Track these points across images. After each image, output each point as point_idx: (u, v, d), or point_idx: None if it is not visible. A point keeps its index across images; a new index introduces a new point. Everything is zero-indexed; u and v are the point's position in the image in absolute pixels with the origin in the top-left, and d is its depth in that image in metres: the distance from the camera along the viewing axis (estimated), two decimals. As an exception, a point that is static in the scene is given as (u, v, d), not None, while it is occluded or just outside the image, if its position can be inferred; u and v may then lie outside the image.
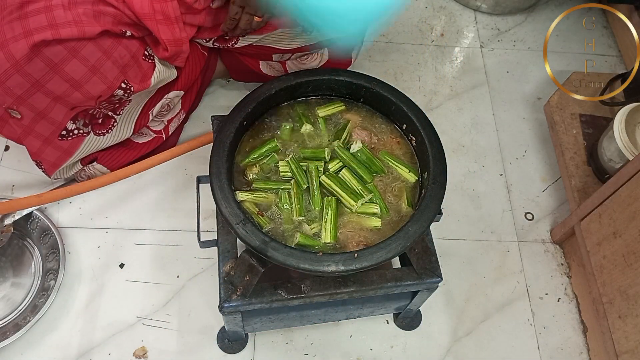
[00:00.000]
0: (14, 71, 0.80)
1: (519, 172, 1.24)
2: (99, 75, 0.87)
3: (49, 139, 0.93)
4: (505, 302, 1.08)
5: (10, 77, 0.80)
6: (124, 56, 0.89)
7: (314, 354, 0.99)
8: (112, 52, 0.87)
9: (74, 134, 0.95)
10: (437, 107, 1.33)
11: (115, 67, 0.88)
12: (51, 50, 0.80)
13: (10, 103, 0.84)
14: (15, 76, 0.80)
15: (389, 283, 0.81)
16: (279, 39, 1.02)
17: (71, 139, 0.95)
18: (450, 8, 1.52)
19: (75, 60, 0.83)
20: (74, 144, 0.96)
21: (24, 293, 1.00)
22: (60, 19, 0.80)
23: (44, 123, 0.89)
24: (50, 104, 0.87)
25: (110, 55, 0.87)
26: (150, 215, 1.10)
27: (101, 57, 0.86)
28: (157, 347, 0.97)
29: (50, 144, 0.94)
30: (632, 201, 0.88)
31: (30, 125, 0.89)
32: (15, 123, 0.89)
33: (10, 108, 0.86)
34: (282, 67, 1.12)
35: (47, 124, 0.90)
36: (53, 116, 0.89)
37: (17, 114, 0.87)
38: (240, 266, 0.77)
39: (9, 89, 0.81)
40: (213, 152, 0.80)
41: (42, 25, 0.79)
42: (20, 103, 0.84)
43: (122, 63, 0.89)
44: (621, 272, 0.90)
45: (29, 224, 1.04)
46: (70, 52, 0.82)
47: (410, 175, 0.85)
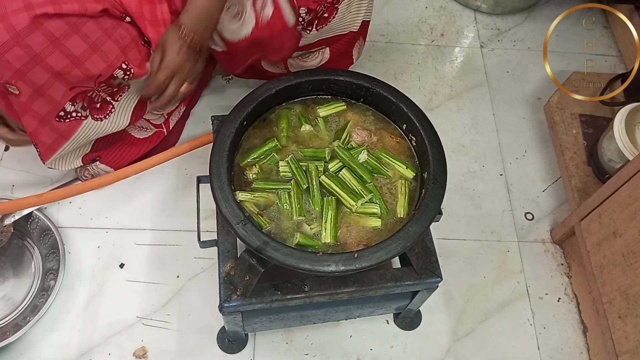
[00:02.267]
0: (14, 43, 0.80)
1: (519, 172, 1.24)
2: (100, 53, 0.87)
3: (46, 118, 0.92)
4: (505, 302, 1.08)
5: (9, 49, 0.80)
6: (124, 37, 0.89)
7: (314, 354, 0.99)
8: (112, 32, 0.87)
9: (71, 116, 0.94)
10: (437, 107, 1.33)
11: (117, 46, 0.89)
12: (52, 24, 0.81)
13: (8, 77, 0.84)
14: (15, 48, 0.80)
15: (389, 283, 0.81)
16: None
17: (69, 121, 0.94)
18: (450, 8, 1.52)
19: (76, 36, 0.84)
20: (71, 127, 0.95)
21: (24, 293, 1.00)
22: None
23: (42, 101, 0.89)
24: (49, 80, 0.86)
25: (111, 35, 0.87)
26: (150, 215, 1.10)
27: (102, 35, 0.86)
28: (157, 347, 0.98)
29: (47, 124, 0.93)
30: (632, 201, 0.88)
31: (28, 103, 0.89)
32: (13, 100, 0.89)
33: (8, 83, 0.85)
34: (284, 64, 1.12)
35: (45, 102, 0.89)
36: (51, 94, 0.89)
37: (15, 89, 0.86)
38: (240, 266, 0.77)
39: (7, 61, 0.81)
40: (213, 152, 0.80)
41: (43, 0, 0.80)
42: (18, 77, 0.84)
43: (123, 44, 0.89)
44: (621, 272, 0.90)
45: (29, 224, 1.04)
46: (72, 28, 0.83)
47: (408, 172, 0.85)
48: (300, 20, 0.95)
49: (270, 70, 1.13)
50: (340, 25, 1.03)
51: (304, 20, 0.95)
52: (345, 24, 1.04)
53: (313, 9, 0.94)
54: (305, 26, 0.98)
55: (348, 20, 1.04)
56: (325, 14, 0.97)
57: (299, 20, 0.95)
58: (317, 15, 0.96)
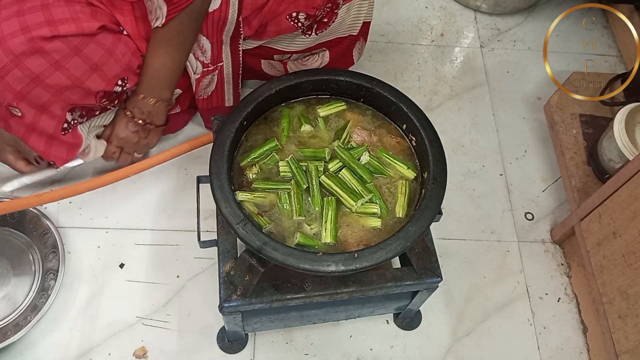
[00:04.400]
0: (13, 66, 0.80)
1: (519, 172, 1.24)
2: (100, 72, 0.87)
3: (54, 135, 0.93)
4: (505, 302, 1.08)
5: (9, 72, 0.80)
6: (125, 54, 0.89)
7: (314, 354, 0.99)
8: (114, 50, 0.88)
9: (73, 124, 0.95)
10: (437, 107, 1.33)
11: (117, 65, 0.89)
12: (51, 46, 0.81)
13: (10, 99, 0.84)
14: (15, 71, 0.80)
15: (389, 283, 0.81)
16: (279, 40, 1.03)
17: (72, 130, 0.95)
18: (450, 8, 1.52)
19: (78, 58, 0.84)
20: (76, 135, 0.96)
21: (24, 293, 1.00)
22: (57, 16, 0.80)
23: (45, 118, 0.89)
24: (50, 99, 0.87)
25: (113, 53, 0.88)
26: (150, 215, 1.10)
27: (104, 55, 0.87)
28: (157, 347, 0.98)
29: (55, 139, 0.93)
30: (632, 201, 0.88)
31: (33, 123, 0.89)
32: (18, 122, 0.89)
33: (10, 105, 0.86)
34: (283, 67, 1.12)
35: (49, 119, 0.90)
36: (53, 110, 0.89)
37: (18, 111, 0.87)
38: (240, 266, 0.78)
39: (8, 84, 0.82)
40: (213, 152, 0.80)
41: (39, 22, 0.79)
42: (20, 99, 0.85)
43: (124, 62, 0.90)
44: (621, 272, 0.90)
45: (29, 224, 1.04)
46: (73, 50, 0.83)
47: (409, 172, 0.85)
48: (299, 25, 0.96)
49: (270, 73, 1.13)
50: (341, 28, 1.04)
51: (303, 25, 0.96)
52: (346, 27, 1.04)
53: (312, 14, 0.94)
54: (305, 30, 0.98)
55: (348, 23, 1.04)
56: (325, 19, 0.98)
57: (298, 26, 0.96)
58: (316, 20, 0.97)
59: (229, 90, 1.05)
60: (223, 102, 1.07)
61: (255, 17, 0.94)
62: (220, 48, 0.96)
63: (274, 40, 1.02)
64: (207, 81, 1.01)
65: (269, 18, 0.95)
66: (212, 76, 1.01)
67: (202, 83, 1.01)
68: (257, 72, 1.14)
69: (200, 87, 1.02)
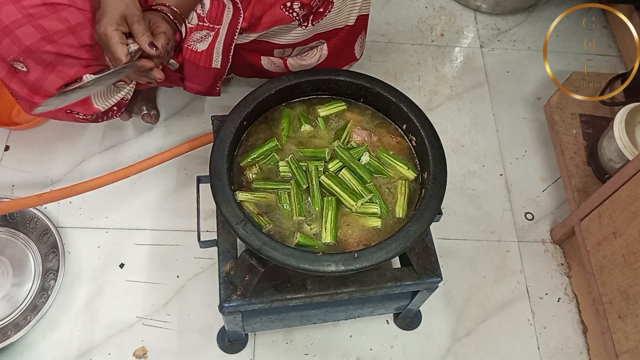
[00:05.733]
0: (26, 21, 0.80)
1: (519, 172, 1.24)
2: None
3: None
4: (505, 302, 1.08)
5: (21, 26, 0.80)
6: None
7: (314, 354, 0.99)
8: None
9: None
10: (437, 107, 1.33)
11: None
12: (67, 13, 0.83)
13: (16, 54, 0.83)
14: (27, 26, 0.81)
15: (389, 283, 0.81)
16: (275, 32, 1.02)
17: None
18: (450, 8, 1.52)
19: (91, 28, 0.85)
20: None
21: (24, 293, 1.00)
22: None
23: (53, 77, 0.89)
24: (59, 58, 0.87)
25: None
26: (150, 215, 1.10)
27: None
28: (157, 347, 0.98)
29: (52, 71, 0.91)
30: (632, 201, 0.88)
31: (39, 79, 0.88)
32: (22, 77, 0.88)
33: (16, 60, 0.85)
34: (283, 64, 1.11)
35: (56, 78, 0.89)
36: (63, 69, 0.88)
37: (23, 66, 0.86)
38: (240, 266, 0.78)
39: (17, 38, 0.81)
40: (213, 152, 0.80)
41: None
42: (27, 55, 0.84)
43: None
44: (621, 272, 0.90)
45: (29, 224, 1.04)
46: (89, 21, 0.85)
47: (409, 173, 0.85)
48: (294, 15, 0.96)
49: (270, 70, 1.13)
50: (337, 19, 1.04)
51: (299, 15, 0.96)
52: (342, 17, 1.04)
53: (307, 3, 0.94)
54: (301, 21, 0.98)
55: (345, 13, 1.04)
56: (321, 8, 0.98)
57: (293, 16, 0.96)
58: (312, 10, 0.97)
59: (218, 50, 1.03)
60: (210, 63, 1.05)
61: (247, 6, 0.94)
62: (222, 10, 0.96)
63: (271, 33, 1.02)
64: (199, 35, 0.99)
65: (264, 9, 0.95)
66: (207, 34, 0.99)
67: (193, 35, 0.99)
68: (257, 69, 1.14)
69: (191, 38, 0.99)
